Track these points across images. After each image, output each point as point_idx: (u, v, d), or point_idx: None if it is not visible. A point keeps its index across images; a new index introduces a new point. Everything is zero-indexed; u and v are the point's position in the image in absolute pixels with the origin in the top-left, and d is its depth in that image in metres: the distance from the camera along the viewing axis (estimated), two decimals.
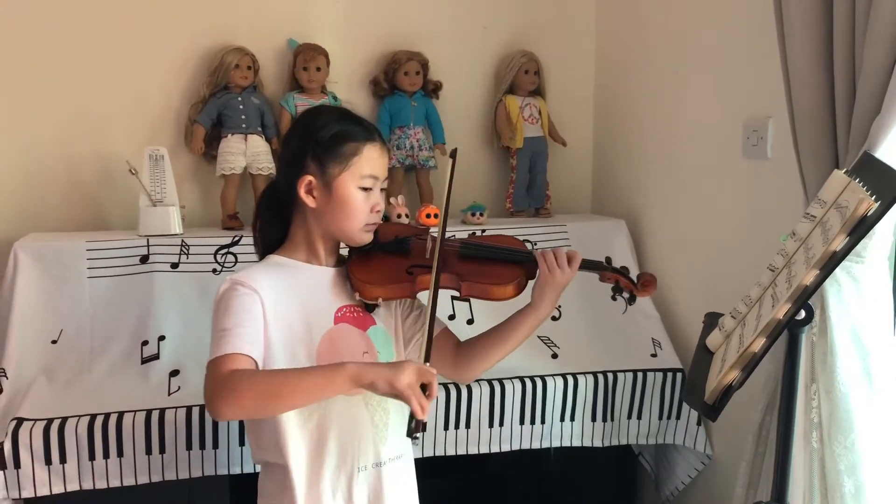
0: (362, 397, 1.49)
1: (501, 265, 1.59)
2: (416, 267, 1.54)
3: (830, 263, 1.19)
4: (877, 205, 1.15)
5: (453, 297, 2.20)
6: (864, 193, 1.18)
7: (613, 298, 1.67)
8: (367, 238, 1.54)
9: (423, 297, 1.67)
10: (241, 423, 1.91)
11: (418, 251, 1.58)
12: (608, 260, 1.66)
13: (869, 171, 1.31)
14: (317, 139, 1.47)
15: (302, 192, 1.48)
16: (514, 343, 1.58)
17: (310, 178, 1.47)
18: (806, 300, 1.23)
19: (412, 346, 1.63)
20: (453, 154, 1.58)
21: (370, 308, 1.56)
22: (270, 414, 1.41)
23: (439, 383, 1.31)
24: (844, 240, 1.18)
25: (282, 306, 1.44)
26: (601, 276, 1.64)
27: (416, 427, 1.31)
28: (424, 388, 1.30)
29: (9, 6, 2.32)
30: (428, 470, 1.64)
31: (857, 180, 1.26)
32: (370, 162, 1.50)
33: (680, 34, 2.39)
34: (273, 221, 1.57)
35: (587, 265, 1.61)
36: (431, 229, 1.63)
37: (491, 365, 1.61)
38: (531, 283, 1.60)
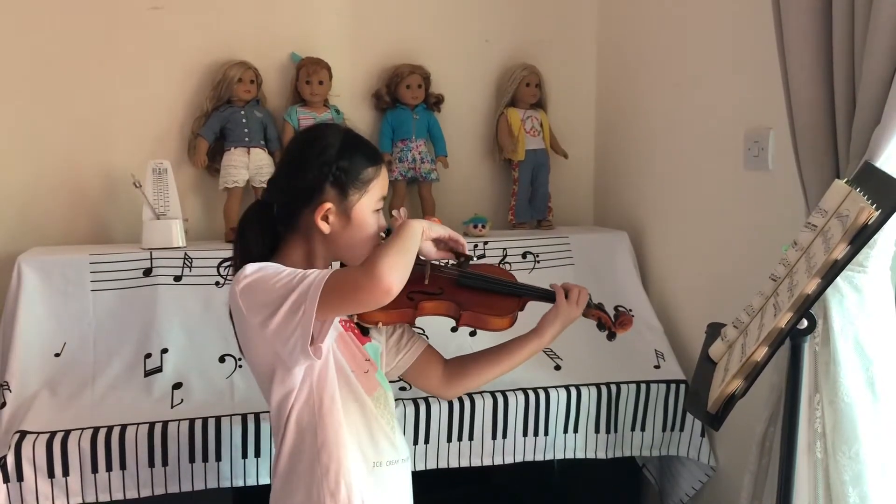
0: (373, 399, 1.49)
1: (498, 297, 1.62)
2: (417, 293, 1.54)
3: (832, 272, 1.20)
4: (877, 213, 1.16)
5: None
6: (865, 202, 1.18)
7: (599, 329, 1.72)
8: None
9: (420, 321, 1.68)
10: (244, 437, 1.91)
11: (417, 276, 1.57)
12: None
13: (869, 180, 1.31)
14: (339, 165, 1.45)
15: (318, 219, 1.45)
16: (509, 366, 1.63)
17: (329, 205, 1.45)
18: (807, 309, 1.23)
19: (395, 365, 1.66)
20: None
21: (364, 331, 1.57)
22: (409, 271, 1.38)
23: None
24: (845, 248, 1.18)
25: None
26: (585, 313, 1.68)
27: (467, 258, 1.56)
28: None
29: (14, 20, 2.34)
30: (431, 482, 1.65)
31: (858, 189, 1.26)
32: (384, 183, 1.52)
33: (680, 47, 2.40)
34: (258, 241, 1.53)
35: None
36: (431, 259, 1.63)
37: (480, 384, 1.65)
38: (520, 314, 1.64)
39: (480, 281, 1.62)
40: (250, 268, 1.38)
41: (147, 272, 2.18)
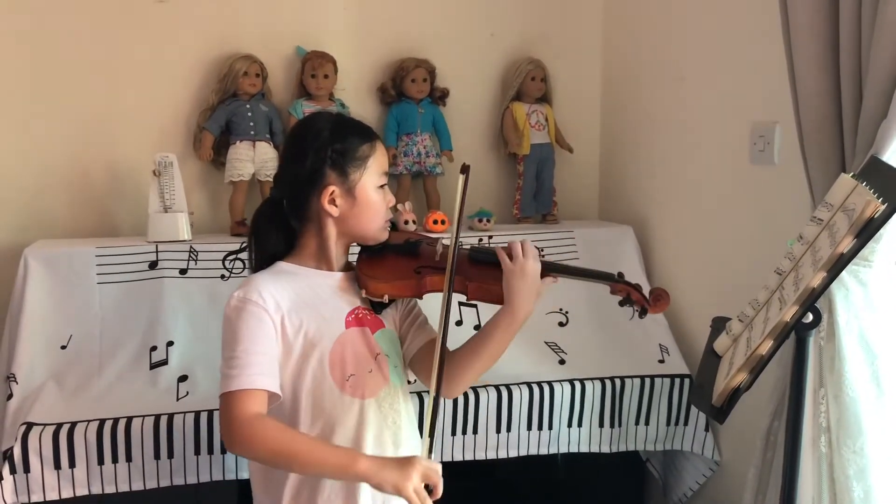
0: (375, 400, 1.49)
1: None
2: (425, 268, 1.54)
3: (837, 266, 1.20)
4: (883, 207, 1.15)
5: (461, 303, 2.21)
6: (871, 196, 1.18)
7: (621, 304, 1.64)
8: (385, 235, 1.56)
9: (434, 307, 1.65)
10: None
11: (428, 254, 1.59)
12: (620, 275, 1.65)
13: (876, 174, 1.31)
14: (333, 148, 1.48)
15: (325, 203, 1.48)
16: (492, 350, 1.51)
17: (332, 187, 1.48)
18: (813, 302, 1.23)
19: (406, 346, 1.61)
20: (465, 170, 1.55)
21: (378, 309, 1.56)
22: (278, 468, 1.43)
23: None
24: (851, 242, 1.18)
25: (294, 315, 1.44)
26: (612, 289, 1.62)
27: None
28: (429, 487, 1.36)
29: (19, 15, 2.34)
30: None
31: (864, 184, 1.26)
32: (382, 158, 1.54)
33: (686, 41, 2.39)
34: (274, 238, 1.54)
35: (597, 276, 1.62)
36: (442, 239, 1.63)
37: (475, 377, 1.55)
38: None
39: (491, 255, 1.59)
40: (232, 303, 1.43)
41: (153, 265, 2.19)
